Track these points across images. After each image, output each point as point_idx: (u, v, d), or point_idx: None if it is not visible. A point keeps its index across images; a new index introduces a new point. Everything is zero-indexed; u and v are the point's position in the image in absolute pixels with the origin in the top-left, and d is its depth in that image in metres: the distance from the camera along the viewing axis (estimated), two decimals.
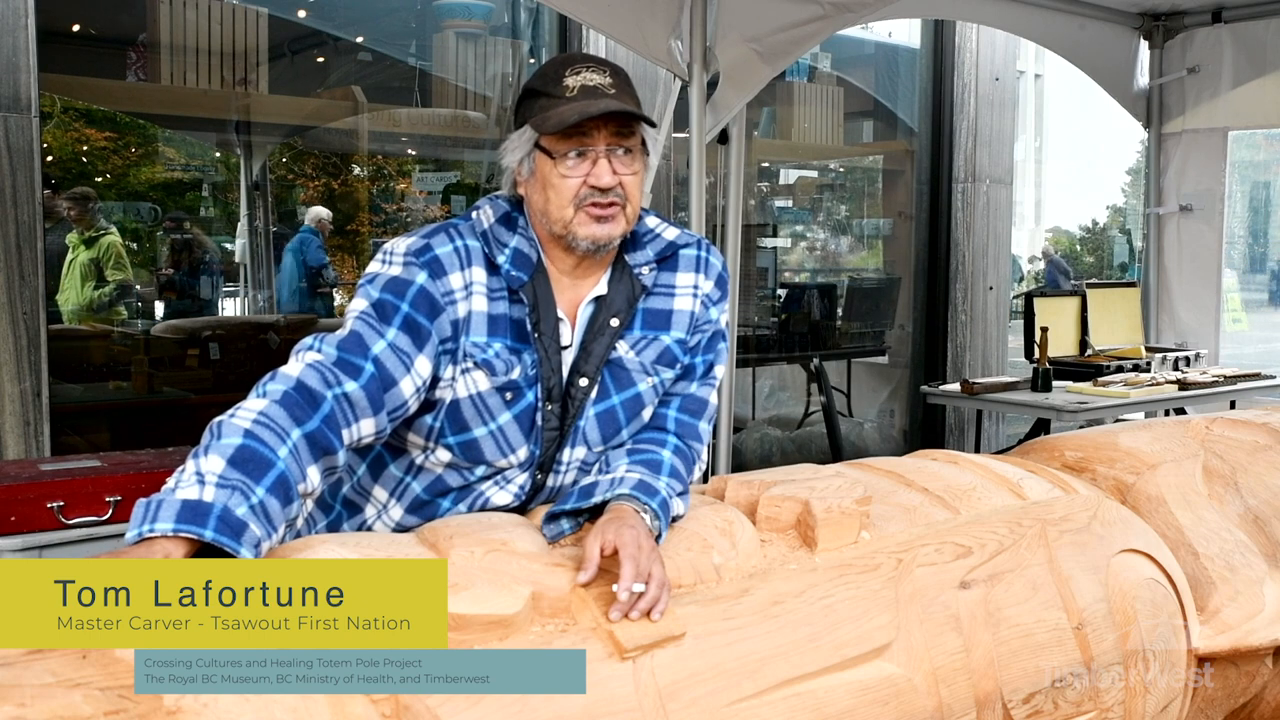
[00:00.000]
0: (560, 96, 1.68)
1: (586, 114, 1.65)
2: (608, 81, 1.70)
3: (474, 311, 1.73)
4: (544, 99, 1.70)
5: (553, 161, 1.70)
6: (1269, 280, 12.32)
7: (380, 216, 7.11)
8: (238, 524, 1.38)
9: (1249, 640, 2.20)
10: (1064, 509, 2.13)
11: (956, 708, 1.75)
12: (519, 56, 5.55)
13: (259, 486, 1.43)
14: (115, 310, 5.63)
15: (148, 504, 1.37)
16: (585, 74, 1.69)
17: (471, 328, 1.73)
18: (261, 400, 1.52)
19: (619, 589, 1.50)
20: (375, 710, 1.35)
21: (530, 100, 1.72)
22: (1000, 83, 6.28)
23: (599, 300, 1.79)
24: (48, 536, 2.35)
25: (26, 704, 1.16)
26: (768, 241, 6.77)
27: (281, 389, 1.54)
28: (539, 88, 1.71)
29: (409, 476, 1.82)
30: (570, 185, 1.70)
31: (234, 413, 1.50)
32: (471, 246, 1.74)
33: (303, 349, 1.63)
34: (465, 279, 1.72)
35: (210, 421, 1.50)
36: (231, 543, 1.37)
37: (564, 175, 1.69)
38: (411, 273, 1.70)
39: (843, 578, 1.75)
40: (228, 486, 1.40)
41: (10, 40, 3.52)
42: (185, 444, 2.83)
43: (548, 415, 1.77)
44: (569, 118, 1.65)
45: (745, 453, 5.97)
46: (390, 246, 1.75)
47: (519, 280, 1.74)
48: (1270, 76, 5.11)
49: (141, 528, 1.35)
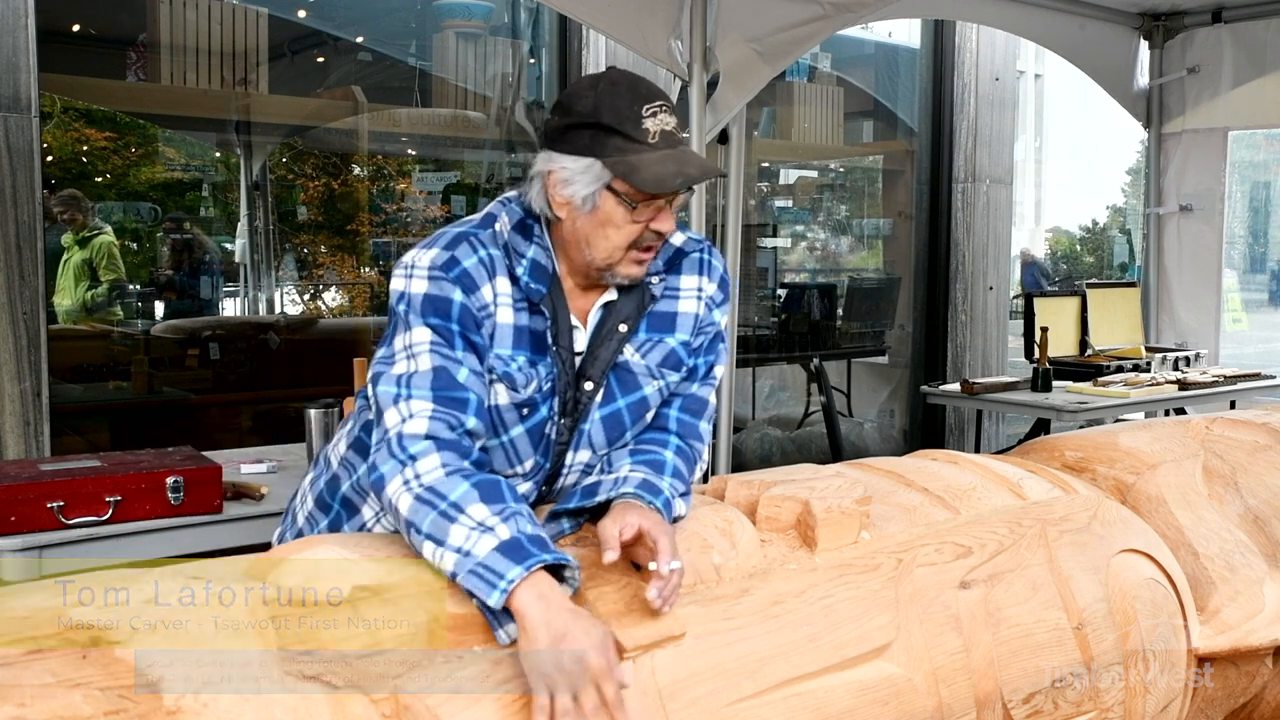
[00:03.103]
0: (643, 142, 1.64)
1: (689, 180, 1.65)
2: (677, 124, 1.68)
3: (499, 324, 1.71)
4: (620, 138, 1.63)
5: (625, 207, 1.66)
6: (1269, 280, 12.31)
7: (380, 217, 7.10)
8: (540, 539, 1.49)
9: (1249, 640, 2.20)
10: (1064, 509, 2.13)
11: (956, 708, 1.75)
12: (519, 56, 5.55)
13: (515, 503, 1.54)
14: (110, 310, 5.63)
15: (479, 571, 1.43)
16: (661, 116, 1.65)
17: (497, 340, 1.71)
18: (427, 457, 1.55)
19: (658, 565, 1.52)
20: (375, 710, 1.35)
21: (601, 134, 1.64)
22: (1000, 83, 6.28)
23: (608, 306, 1.79)
24: (48, 536, 2.35)
25: (26, 704, 1.16)
26: (768, 241, 6.76)
27: (426, 444, 1.56)
28: (614, 125, 1.63)
29: None
30: (635, 230, 1.68)
31: (423, 476, 1.54)
32: (495, 256, 1.71)
33: (400, 399, 1.60)
34: (493, 291, 1.70)
35: (402, 503, 1.52)
36: (559, 555, 1.48)
37: (634, 221, 1.68)
38: (444, 289, 1.66)
39: (843, 578, 1.75)
40: (510, 517, 1.49)
41: (10, 40, 3.51)
42: (185, 444, 2.83)
43: (560, 429, 1.77)
44: (671, 181, 1.63)
45: (745, 453, 5.97)
46: (411, 260, 1.70)
47: (539, 294, 1.72)
48: (1270, 76, 5.11)
49: (499, 588, 1.42)
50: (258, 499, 2.63)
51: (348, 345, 5.84)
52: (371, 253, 6.95)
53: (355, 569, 1.44)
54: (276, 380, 5.47)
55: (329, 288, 7.27)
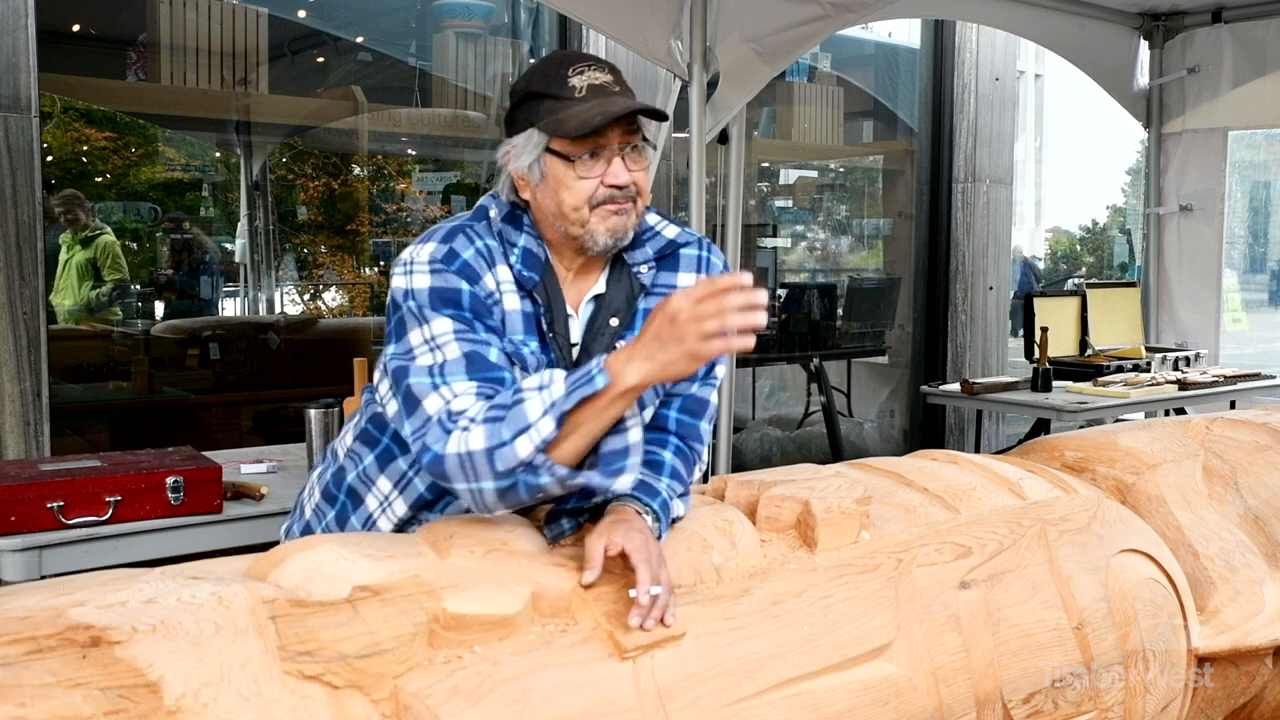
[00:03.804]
0: (570, 98, 1.65)
1: (610, 115, 1.62)
2: (610, 79, 1.68)
3: (508, 311, 1.71)
4: (549, 101, 1.66)
5: (568, 164, 1.66)
6: (1269, 280, 12.31)
7: (380, 217, 7.10)
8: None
9: (1249, 640, 2.20)
10: (1064, 509, 2.13)
11: (956, 708, 1.75)
12: (519, 56, 5.55)
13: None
14: (112, 310, 5.63)
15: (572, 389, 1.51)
16: (589, 73, 1.67)
17: (508, 326, 1.71)
18: (475, 407, 1.56)
19: (638, 593, 1.50)
20: (375, 710, 1.35)
21: (533, 103, 1.68)
22: (1000, 83, 6.28)
23: (598, 299, 1.78)
24: (48, 536, 2.35)
25: (26, 704, 1.16)
26: (768, 241, 6.76)
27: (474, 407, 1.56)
28: (542, 90, 1.67)
29: (412, 471, 1.82)
30: (587, 186, 1.67)
31: (476, 415, 1.54)
32: (492, 246, 1.72)
33: (438, 386, 1.59)
34: (495, 279, 1.70)
35: (474, 441, 1.53)
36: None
37: (581, 177, 1.67)
38: (450, 280, 1.66)
39: (843, 578, 1.75)
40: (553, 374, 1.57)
41: (10, 40, 3.51)
42: (185, 444, 2.83)
43: None
44: (592, 120, 1.62)
45: (745, 453, 5.97)
46: (410, 257, 1.69)
47: (532, 281, 1.73)
48: (1270, 76, 5.11)
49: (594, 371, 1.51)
50: (258, 499, 2.63)
51: (348, 345, 5.85)
52: (371, 253, 6.96)
53: (355, 569, 1.44)
54: (276, 380, 5.47)
55: (329, 288, 7.28)
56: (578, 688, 1.44)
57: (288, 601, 1.37)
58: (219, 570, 1.47)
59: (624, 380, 1.50)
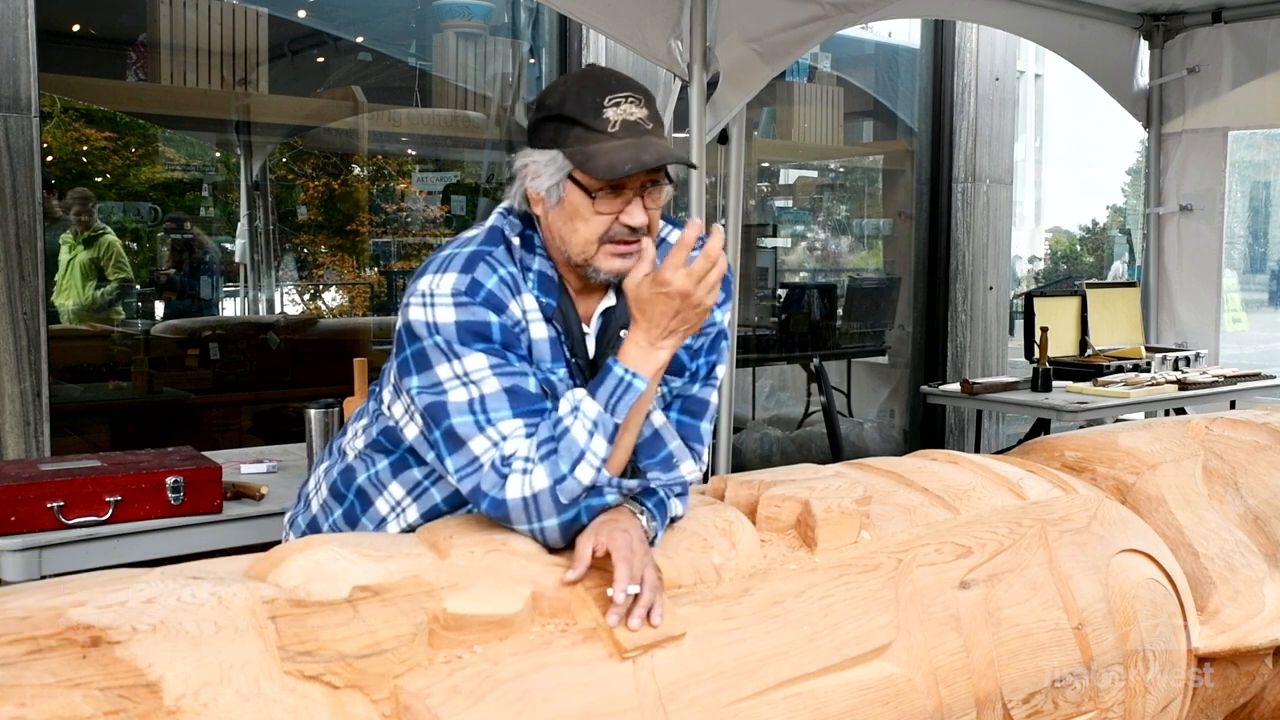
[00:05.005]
0: (602, 131, 1.62)
1: (641, 165, 1.60)
2: (645, 114, 1.65)
3: (535, 339, 1.70)
4: (580, 129, 1.63)
5: (587, 197, 1.64)
6: (1269, 280, 12.31)
7: (380, 217, 7.10)
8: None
9: (1249, 640, 2.20)
10: (1064, 509, 2.13)
11: (956, 708, 1.75)
12: (519, 56, 5.55)
13: None
14: (115, 310, 5.63)
15: (607, 401, 1.58)
16: (625, 106, 1.63)
17: (536, 354, 1.70)
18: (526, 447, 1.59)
19: (614, 591, 1.50)
20: (375, 710, 1.35)
21: (564, 126, 1.64)
22: (1000, 83, 6.28)
23: (607, 313, 1.78)
24: (48, 536, 2.35)
25: (26, 704, 1.16)
26: (768, 241, 6.76)
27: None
28: (575, 116, 1.63)
29: (428, 481, 1.82)
30: (602, 222, 1.65)
31: (532, 455, 1.58)
32: (514, 274, 1.69)
33: (483, 426, 1.60)
34: (520, 307, 1.69)
35: (537, 481, 1.56)
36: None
37: (598, 212, 1.65)
38: (476, 313, 1.63)
39: (843, 578, 1.75)
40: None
41: (10, 40, 3.51)
42: (185, 444, 2.83)
43: None
44: (621, 166, 1.59)
45: (745, 453, 5.97)
46: (429, 289, 1.64)
47: (550, 307, 1.71)
48: (1270, 76, 5.11)
49: (618, 368, 1.58)
50: (258, 499, 2.63)
51: (348, 345, 5.85)
52: (371, 253, 6.95)
53: (355, 569, 1.44)
54: (276, 380, 5.47)
55: (329, 288, 7.28)
56: (578, 688, 1.44)
57: (288, 601, 1.37)
58: (219, 570, 1.47)
59: (653, 370, 1.58)
